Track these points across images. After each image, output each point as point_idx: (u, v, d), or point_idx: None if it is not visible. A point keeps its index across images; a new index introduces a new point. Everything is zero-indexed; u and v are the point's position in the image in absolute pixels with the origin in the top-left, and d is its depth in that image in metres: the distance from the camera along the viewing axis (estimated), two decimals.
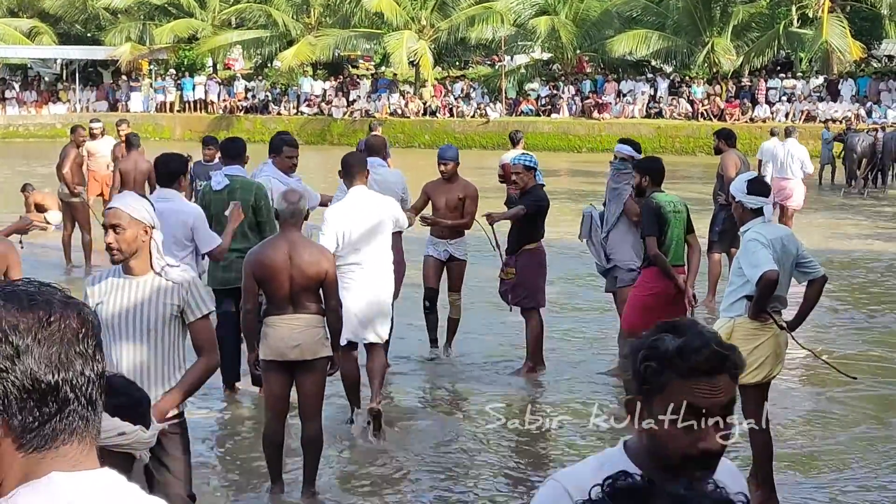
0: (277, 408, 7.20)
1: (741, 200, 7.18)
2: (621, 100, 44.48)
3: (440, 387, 10.25)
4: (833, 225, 21.18)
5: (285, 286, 7.02)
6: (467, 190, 10.96)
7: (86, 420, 1.73)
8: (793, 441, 8.59)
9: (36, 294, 1.72)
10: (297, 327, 7.05)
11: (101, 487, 1.71)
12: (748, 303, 6.99)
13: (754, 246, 6.95)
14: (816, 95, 41.62)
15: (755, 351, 7.02)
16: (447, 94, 47.88)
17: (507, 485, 7.48)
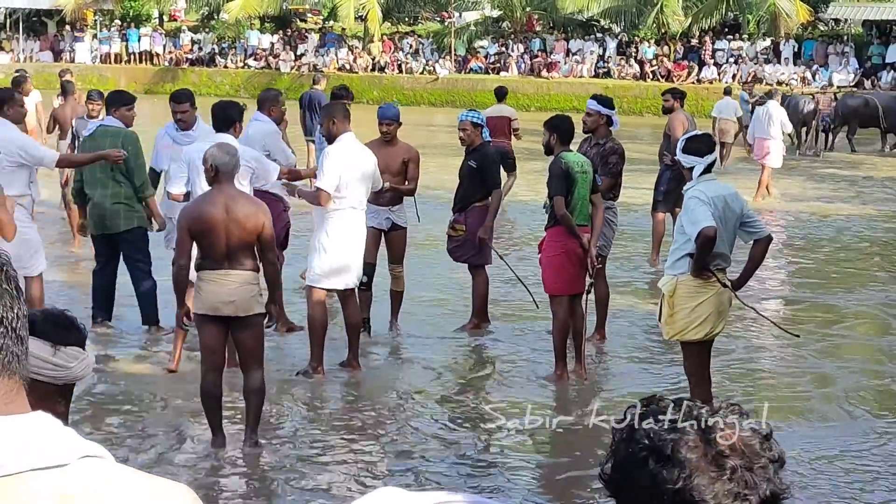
0: (213, 360, 7.23)
1: (679, 159, 7.29)
2: (570, 59, 44.49)
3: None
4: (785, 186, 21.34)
5: (222, 241, 7.02)
6: (410, 153, 10.35)
7: (17, 357, 1.72)
8: (733, 396, 8.70)
9: None
10: (231, 283, 7.06)
11: (37, 432, 1.70)
12: (690, 260, 7.06)
13: (694, 203, 7.03)
14: (763, 57, 41.87)
15: (697, 308, 7.13)
16: (396, 50, 47.64)
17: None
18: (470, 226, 10.23)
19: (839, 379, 9.29)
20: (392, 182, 10.03)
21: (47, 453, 1.68)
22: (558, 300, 9.03)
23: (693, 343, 7.26)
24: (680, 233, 7.21)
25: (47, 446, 1.69)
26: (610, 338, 10.34)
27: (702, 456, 1.75)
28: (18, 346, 1.72)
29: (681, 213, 7.28)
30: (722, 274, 7.21)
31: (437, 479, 7.01)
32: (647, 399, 1.87)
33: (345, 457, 7.43)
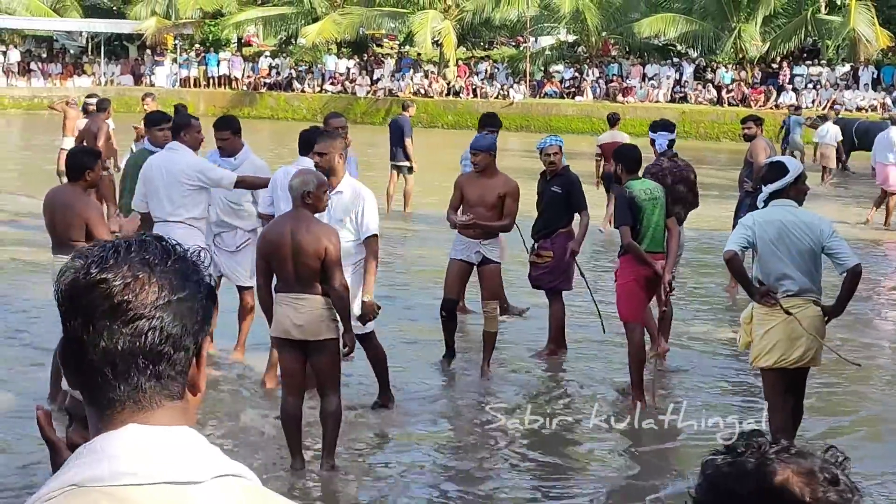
0: (291, 383, 7.26)
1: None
2: (646, 83, 44.34)
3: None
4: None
5: (288, 265, 7.07)
6: (508, 186, 9.58)
7: (159, 374, 1.85)
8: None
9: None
10: (301, 307, 7.10)
11: (177, 447, 1.78)
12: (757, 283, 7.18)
13: (737, 227, 7.26)
14: (843, 83, 41.42)
15: (766, 335, 7.13)
16: (471, 74, 47.79)
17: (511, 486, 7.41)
18: (557, 252, 10.13)
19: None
20: (487, 216, 9.48)
21: (182, 468, 1.74)
22: (632, 326, 9.04)
23: (767, 370, 7.21)
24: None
25: (184, 461, 1.75)
26: (689, 365, 10.32)
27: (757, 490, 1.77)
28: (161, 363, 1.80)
29: None
30: (795, 300, 7.09)
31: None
32: (749, 433, 1.85)
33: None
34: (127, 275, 1.76)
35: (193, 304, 1.80)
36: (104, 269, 1.77)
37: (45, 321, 11.00)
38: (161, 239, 1.85)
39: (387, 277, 13.91)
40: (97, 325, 1.76)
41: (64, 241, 8.10)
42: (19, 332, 10.79)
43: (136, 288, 1.76)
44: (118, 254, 1.79)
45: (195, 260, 1.84)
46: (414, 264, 15.12)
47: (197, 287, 1.81)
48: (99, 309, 1.76)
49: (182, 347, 1.79)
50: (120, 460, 1.72)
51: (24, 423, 7.85)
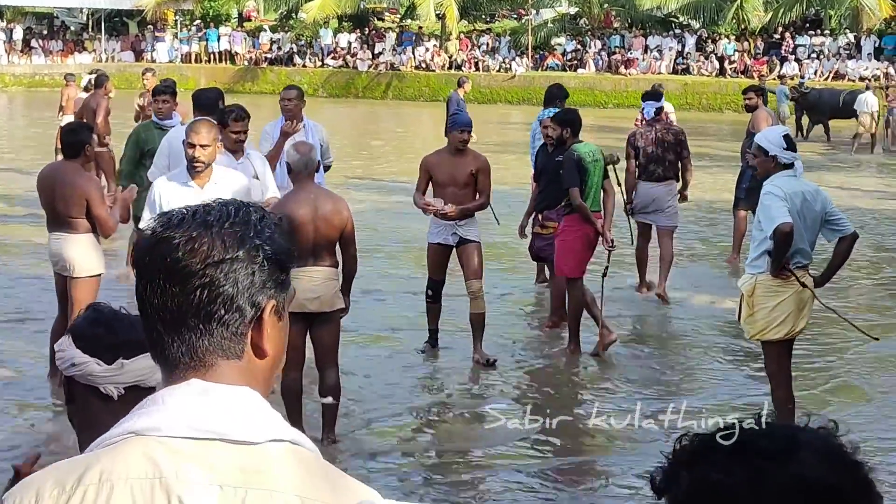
0: (295, 358, 7.26)
1: (776, 154, 7.05)
2: (648, 55, 44.20)
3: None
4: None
5: (309, 238, 7.08)
6: (478, 162, 9.29)
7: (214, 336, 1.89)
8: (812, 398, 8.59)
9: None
10: (316, 279, 7.16)
11: (237, 407, 1.82)
12: (769, 258, 6.95)
13: (770, 199, 6.92)
14: (846, 53, 41.27)
15: (777, 308, 7.03)
16: (473, 47, 47.67)
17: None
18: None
19: None
20: (459, 195, 9.16)
21: (239, 427, 1.78)
22: (574, 283, 9.56)
23: (773, 343, 7.16)
24: (758, 230, 7.08)
25: (241, 421, 1.79)
26: (681, 337, 10.36)
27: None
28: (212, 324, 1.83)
29: (758, 210, 7.12)
30: (803, 272, 7.09)
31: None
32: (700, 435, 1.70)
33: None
34: (185, 234, 1.81)
35: (249, 265, 1.82)
36: (168, 228, 1.83)
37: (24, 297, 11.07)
38: (231, 203, 1.89)
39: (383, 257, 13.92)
40: (153, 283, 1.82)
41: (62, 218, 8.08)
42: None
43: (190, 247, 1.81)
44: (185, 215, 1.85)
45: (262, 224, 1.86)
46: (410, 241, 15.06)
47: (256, 249, 1.82)
48: (156, 267, 1.82)
49: (236, 308, 1.82)
50: (178, 413, 1.77)
51: None
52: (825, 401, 8.59)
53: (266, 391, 1.86)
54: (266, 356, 1.86)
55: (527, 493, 6.90)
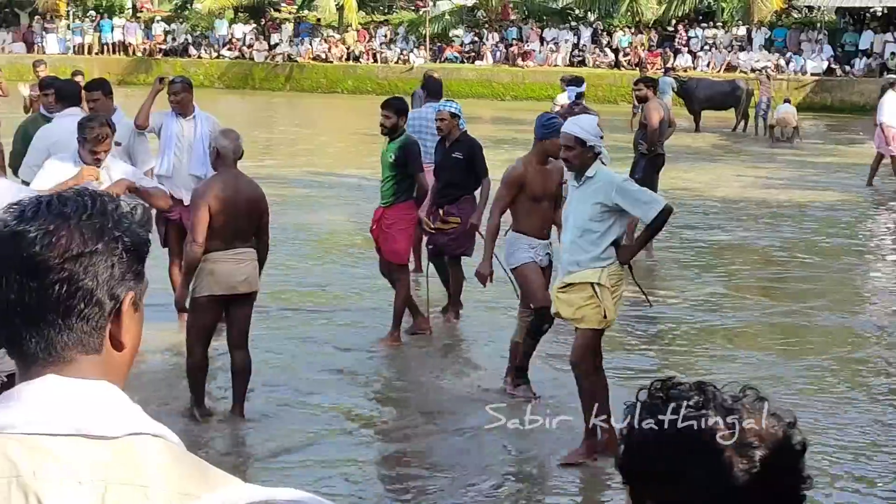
0: (207, 337, 7.53)
1: (594, 144, 6.87)
2: (545, 48, 44.51)
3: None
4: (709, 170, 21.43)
5: (237, 220, 7.28)
6: (560, 171, 8.13)
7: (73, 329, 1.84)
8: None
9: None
10: (244, 261, 7.39)
11: (95, 401, 1.78)
12: (613, 249, 6.87)
13: (633, 184, 6.91)
14: (738, 45, 42.00)
15: (621, 295, 7.10)
16: (371, 39, 47.58)
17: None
18: (464, 217, 10.11)
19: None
20: (548, 210, 8.17)
21: (97, 422, 1.74)
22: (404, 268, 9.78)
23: (600, 329, 7.03)
24: (598, 220, 6.81)
25: (99, 415, 1.74)
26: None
27: (731, 446, 1.71)
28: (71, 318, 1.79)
29: (592, 202, 6.82)
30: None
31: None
32: (664, 383, 1.80)
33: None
34: (41, 227, 1.76)
35: (109, 258, 1.78)
36: (22, 220, 1.77)
37: None
38: (85, 193, 1.83)
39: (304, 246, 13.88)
40: (9, 278, 1.76)
41: None
42: None
43: (47, 241, 1.75)
44: (39, 207, 1.78)
45: (119, 214, 1.82)
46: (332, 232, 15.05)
47: (115, 242, 1.78)
48: (11, 261, 1.76)
49: (95, 302, 1.78)
50: (34, 409, 1.73)
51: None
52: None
53: (123, 383, 1.83)
54: (124, 349, 1.84)
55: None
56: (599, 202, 6.79)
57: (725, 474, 1.70)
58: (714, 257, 13.68)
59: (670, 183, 17.91)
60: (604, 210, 6.80)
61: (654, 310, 10.71)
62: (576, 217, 6.91)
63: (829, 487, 6.67)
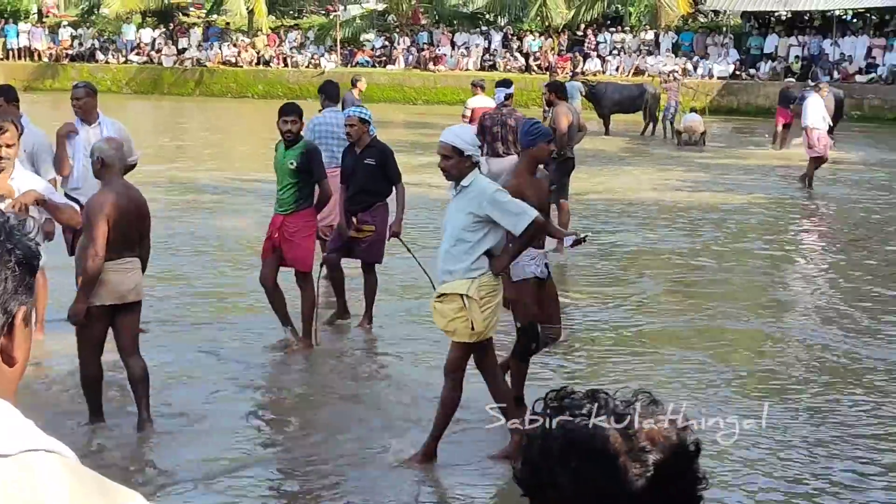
0: (98, 348, 7.43)
1: (472, 153, 6.79)
2: (456, 52, 44.65)
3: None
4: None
5: (129, 230, 7.26)
6: (546, 179, 8.08)
7: None
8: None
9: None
10: (132, 270, 7.35)
11: None
12: (489, 258, 6.76)
13: (504, 195, 6.76)
14: (646, 50, 42.49)
15: (497, 306, 6.90)
16: (281, 43, 47.36)
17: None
18: (379, 224, 10.06)
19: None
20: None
21: None
22: (308, 276, 9.67)
23: (481, 341, 6.92)
24: (471, 230, 6.71)
25: None
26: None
27: (624, 452, 1.72)
28: None
29: (467, 210, 6.73)
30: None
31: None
32: (559, 392, 1.81)
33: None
34: None
35: (3, 271, 1.73)
36: None
37: None
38: None
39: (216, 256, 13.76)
40: None
41: None
42: None
43: None
44: None
45: (10, 227, 1.77)
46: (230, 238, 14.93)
47: (8, 254, 1.74)
48: None
49: None
50: None
51: None
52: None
53: (14, 399, 1.78)
54: (16, 363, 1.79)
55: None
56: (472, 212, 6.73)
57: (620, 480, 1.71)
58: (629, 261, 13.80)
59: (581, 187, 18.07)
60: (476, 220, 6.73)
61: (573, 314, 10.79)
62: (451, 226, 6.85)
63: (726, 490, 6.76)
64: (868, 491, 6.78)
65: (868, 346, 9.93)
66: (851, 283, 12.61)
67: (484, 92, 18.72)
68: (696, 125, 27.75)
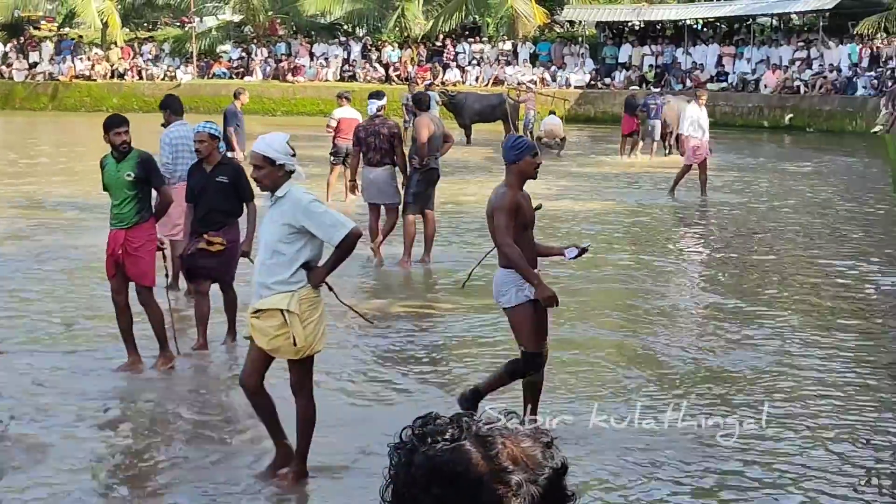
0: None
1: (284, 163, 6.62)
2: (315, 63, 44.45)
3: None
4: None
5: None
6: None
7: None
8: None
9: None
10: None
11: None
12: (308, 271, 6.60)
13: (320, 206, 6.63)
14: (504, 60, 42.86)
15: (320, 319, 6.71)
16: (136, 56, 46.57)
17: None
18: (231, 243, 9.78)
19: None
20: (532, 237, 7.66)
21: None
22: (151, 290, 9.32)
23: (311, 355, 6.78)
24: (287, 242, 6.55)
25: None
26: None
27: (487, 473, 1.70)
28: None
29: (282, 221, 6.57)
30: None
31: None
32: (423, 419, 1.79)
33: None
34: None
35: None
36: None
37: None
38: None
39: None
40: None
41: None
42: None
43: None
44: None
45: None
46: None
47: None
48: None
49: None
50: None
51: None
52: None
53: None
54: None
55: None
56: (287, 223, 6.56)
57: (483, 503, 1.69)
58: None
59: (448, 197, 18.08)
60: (292, 232, 6.57)
61: (436, 323, 10.75)
62: (267, 238, 6.67)
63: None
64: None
65: (730, 353, 10.06)
66: (711, 290, 12.82)
67: (349, 103, 18.67)
68: (556, 129, 28.06)
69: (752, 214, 18.54)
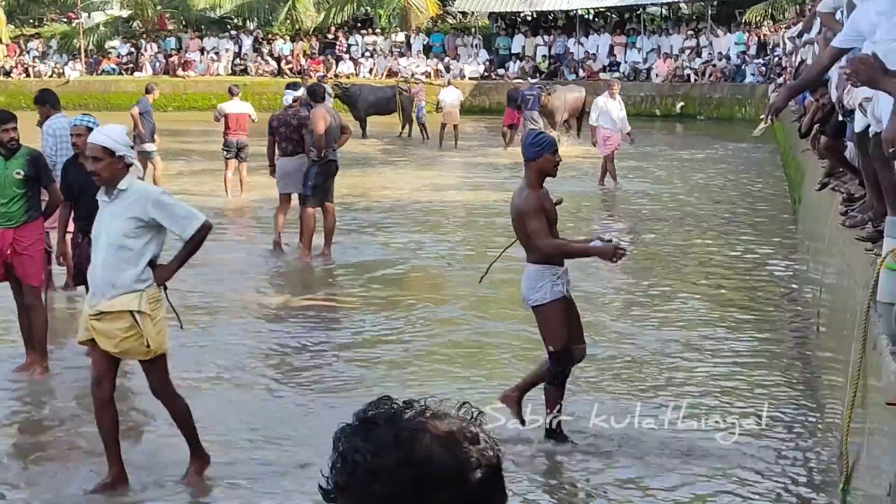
0: None
1: (124, 154, 6.40)
2: (206, 57, 43.92)
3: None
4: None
5: None
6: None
7: None
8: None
9: None
10: None
11: None
12: (151, 267, 6.42)
13: (169, 198, 6.52)
14: (398, 51, 42.77)
15: (163, 317, 6.55)
16: (22, 53, 45.62)
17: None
18: None
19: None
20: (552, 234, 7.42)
21: None
22: (40, 290, 9.09)
23: (161, 356, 6.59)
24: (134, 237, 6.35)
25: None
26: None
27: (402, 463, 1.66)
28: None
29: (131, 213, 6.35)
30: None
31: None
32: (367, 407, 1.73)
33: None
34: None
35: None
36: None
37: None
38: None
39: None
40: None
41: None
42: None
43: None
44: None
45: None
46: None
47: None
48: None
49: None
50: None
51: None
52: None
53: None
54: None
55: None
56: (135, 217, 6.34)
57: (399, 493, 1.65)
58: (393, 263, 13.75)
59: (347, 189, 17.99)
60: (139, 226, 6.35)
61: (340, 317, 10.67)
62: (109, 234, 6.38)
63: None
64: None
65: (636, 338, 10.14)
66: (614, 276, 12.90)
67: (237, 97, 18.69)
68: (454, 111, 27.71)
69: (652, 202, 18.71)
